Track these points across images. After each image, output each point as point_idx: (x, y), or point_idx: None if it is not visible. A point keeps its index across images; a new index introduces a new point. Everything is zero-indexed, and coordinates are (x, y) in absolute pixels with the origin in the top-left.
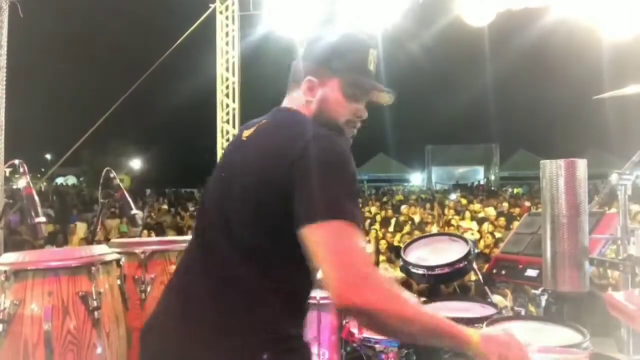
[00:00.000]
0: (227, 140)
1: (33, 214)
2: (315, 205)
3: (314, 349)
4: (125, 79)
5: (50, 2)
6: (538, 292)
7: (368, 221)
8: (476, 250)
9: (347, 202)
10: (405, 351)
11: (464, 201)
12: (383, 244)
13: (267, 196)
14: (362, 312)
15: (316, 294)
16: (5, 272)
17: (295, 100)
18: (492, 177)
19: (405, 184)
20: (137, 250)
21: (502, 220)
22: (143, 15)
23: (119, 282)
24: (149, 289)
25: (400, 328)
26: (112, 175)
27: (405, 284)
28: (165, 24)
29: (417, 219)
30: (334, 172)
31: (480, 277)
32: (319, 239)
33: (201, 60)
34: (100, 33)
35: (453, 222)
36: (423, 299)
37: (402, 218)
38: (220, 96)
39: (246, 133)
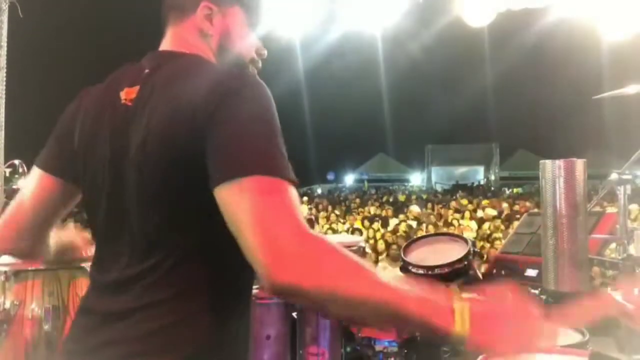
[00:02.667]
0: None
1: None
2: (237, 157)
3: (314, 349)
4: None
5: (51, 2)
6: (538, 292)
7: (367, 221)
8: (476, 250)
9: (279, 154)
10: (405, 351)
11: (464, 202)
12: (381, 244)
13: (182, 178)
14: (295, 293)
15: None
16: (5, 272)
17: (181, 36)
18: (492, 177)
19: (406, 184)
20: None
21: (499, 222)
22: (143, 15)
23: None
24: None
25: (344, 311)
26: None
27: None
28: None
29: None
30: (258, 115)
31: (481, 277)
32: (237, 200)
33: None
34: (100, 33)
35: (454, 222)
36: None
37: (405, 217)
38: None
39: (127, 94)
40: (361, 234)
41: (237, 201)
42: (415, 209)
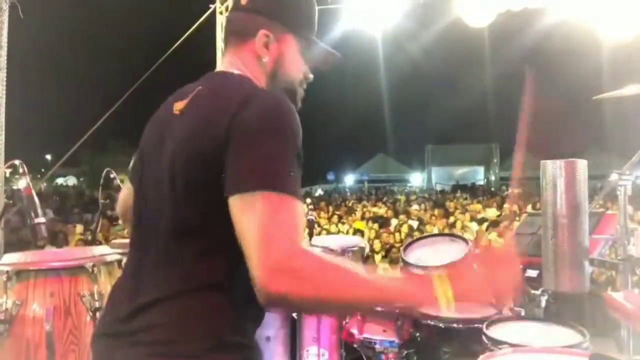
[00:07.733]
0: None
1: (33, 214)
2: (245, 172)
3: (314, 349)
4: (125, 79)
5: (51, 2)
6: (538, 292)
7: (367, 222)
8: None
9: (286, 171)
10: (405, 351)
11: (466, 202)
12: (377, 244)
13: (204, 179)
14: (282, 303)
15: None
16: (7, 272)
17: (239, 59)
18: (492, 178)
19: (406, 184)
20: None
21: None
22: (143, 16)
23: None
24: None
25: (334, 310)
26: (112, 176)
27: None
28: (165, 24)
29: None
30: (274, 133)
31: None
32: (246, 214)
33: (201, 60)
34: (100, 34)
35: (457, 223)
36: None
37: (405, 218)
38: None
39: (178, 106)
40: (362, 234)
41: (245, 214)
42: (415, 208)
